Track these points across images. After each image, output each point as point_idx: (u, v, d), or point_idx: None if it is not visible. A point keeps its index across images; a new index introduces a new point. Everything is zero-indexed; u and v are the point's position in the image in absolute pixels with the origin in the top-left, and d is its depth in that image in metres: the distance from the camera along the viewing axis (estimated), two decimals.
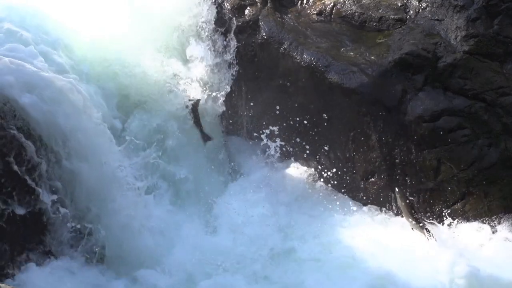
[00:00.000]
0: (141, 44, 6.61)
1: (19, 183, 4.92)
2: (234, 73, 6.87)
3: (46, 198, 5.06)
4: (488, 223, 5.82)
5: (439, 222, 5.95)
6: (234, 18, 6.80)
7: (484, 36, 5.97)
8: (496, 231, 5.76)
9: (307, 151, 6.66)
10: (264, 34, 6.63)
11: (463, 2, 6.07)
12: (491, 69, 5.95)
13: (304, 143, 6.64)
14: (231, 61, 6.83)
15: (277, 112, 6.64)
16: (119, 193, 5.50)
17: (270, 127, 6.72)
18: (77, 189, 5.29)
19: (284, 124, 6.65)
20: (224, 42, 6.83)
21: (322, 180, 6.63)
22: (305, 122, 6.51)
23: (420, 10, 6.32)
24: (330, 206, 6.39)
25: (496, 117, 5.85)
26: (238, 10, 6.80)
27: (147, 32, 6.70)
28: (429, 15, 6.27)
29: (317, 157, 6.61)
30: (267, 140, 6.70)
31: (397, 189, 6.00)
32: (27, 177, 4.95)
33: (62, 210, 5.15)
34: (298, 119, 6.55)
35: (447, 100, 5.95)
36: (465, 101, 5.92)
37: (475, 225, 5.83)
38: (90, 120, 5.49)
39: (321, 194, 6.57)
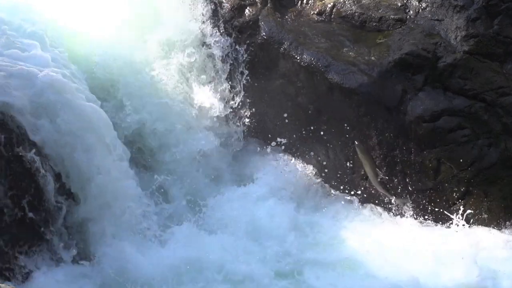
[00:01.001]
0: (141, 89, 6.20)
1: (33, 233, 4.21)
2: (245, 125, 6.81)
3: (66, 255, 4.43)
4: (490, 224, 5.83)
5: (439, 222, 5.97)
6: (245, 54, 6.63)
7: (484, 36, 5.96)
8: (501, 232, 5.76)
9: (307, 151, 6.67)
10: (264, 34, 6.61)
11: (463, 2, 6.06)
12: (491, 69, 5.94)
13: (303, 143, 6.64)
14: (241, 109, 6.74)
15: (277, 112, 6.64)
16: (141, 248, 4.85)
17: (270, 127, 6.72)
18: (93, 243, 4.60)
19: (284, 124, 6.65)
20: (232, 83, 6.72)
21: (322, 180, 6.64)
22: (305, 122, 6.51)
23: (420, 10, 6.32)
24: (330, 206, 6.40)
25: (496, 117, 5.85)
26: (238, 10, 6.78)
27: (146, 70, 6.40)
28: (429, 15, 6.26)
29: (317, 157, 6.61)
30: (267, 141, 6.73)
31: (356, 142, 5.98)
32: (43, 228, 4.23)
33: (86, 264, 4.48)
34: (298, 119, 6.55)
35: (447, 100, 5.95)
36: (465, 101, 5.92)
37: (476, 226, 5.83)
38: (113, 156, 4.75)
39: (321, 193, 6.59)
